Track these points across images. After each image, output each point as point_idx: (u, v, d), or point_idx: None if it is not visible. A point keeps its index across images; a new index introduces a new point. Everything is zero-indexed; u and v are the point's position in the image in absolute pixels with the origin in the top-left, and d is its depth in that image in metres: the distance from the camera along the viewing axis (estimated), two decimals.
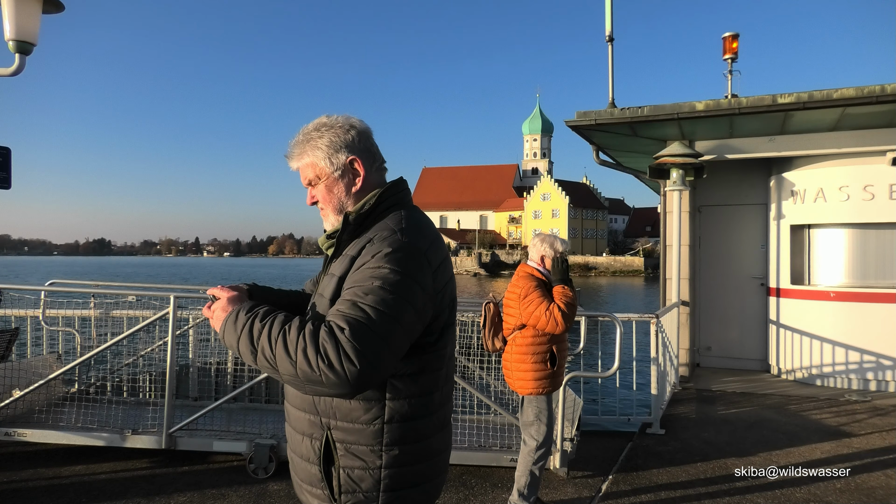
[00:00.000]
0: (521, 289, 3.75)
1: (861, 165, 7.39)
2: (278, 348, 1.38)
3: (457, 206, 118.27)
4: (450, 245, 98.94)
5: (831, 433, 5.61)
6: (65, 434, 4.71)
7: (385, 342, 1.39)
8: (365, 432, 1.52)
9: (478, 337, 5.81)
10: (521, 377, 3.77)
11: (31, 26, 3.87)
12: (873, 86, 6.32)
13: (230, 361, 6.02)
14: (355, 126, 1.65)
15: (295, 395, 1.62)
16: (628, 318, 5.95)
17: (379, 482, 1.52)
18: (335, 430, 1.54)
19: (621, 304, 41.38)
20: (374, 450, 1.52)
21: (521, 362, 3.74)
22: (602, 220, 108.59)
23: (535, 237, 3.96)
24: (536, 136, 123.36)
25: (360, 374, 1.34)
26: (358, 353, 1.34)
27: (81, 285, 7.19)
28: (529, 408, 3.77)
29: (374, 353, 1.36)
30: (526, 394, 3.76)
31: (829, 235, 7.80)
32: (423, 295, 1.48)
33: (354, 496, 1.53)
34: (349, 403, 1.52)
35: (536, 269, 3.87)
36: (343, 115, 1.68)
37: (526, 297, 3.69)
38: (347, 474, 1.53)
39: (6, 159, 4.63)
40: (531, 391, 3.74)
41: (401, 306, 1.42)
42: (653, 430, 5.61)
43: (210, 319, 1.57)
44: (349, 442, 1.53)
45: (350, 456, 1.53)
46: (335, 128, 1.63)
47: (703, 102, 7.11)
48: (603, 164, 9.01)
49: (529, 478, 3.73)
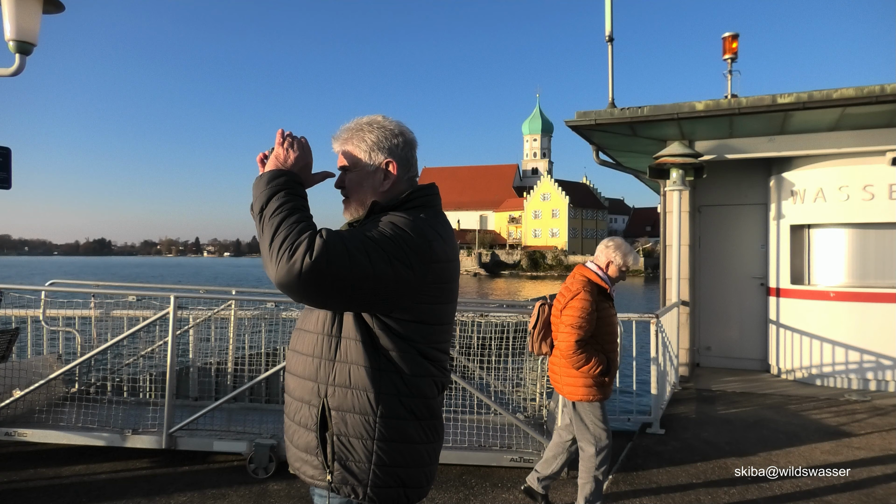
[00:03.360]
0: (571, 292, 3.53)
1: (861, 165, 7.39)
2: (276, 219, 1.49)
3: (457, 206, 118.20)
4: None
5: (831, 433, 5.61)
6: (65, 434, 4.71)
7: (351, 262, 1.45)
8: (360, 400, 1.58)
9: (478, 337, 5.82)
10: (570, 382, 3.58)
11: (31, 26, 3.87)
12: (873, 86, 6.32)
13: (230, 361, 6.03)
14: (404, 134, 1.76)
15: (297, 363, 1.69)
16: (628, 317, 5.95)
17: (371, 454, 1.58)
18: (331, 398, 1.60)
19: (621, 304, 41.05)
20: (368, 420, 1.58)
21: (569, 367, 3.55)
22: (602, 220, 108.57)
23: (611, 240, 3.68)
24: (536, 136, 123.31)
25: (311, 267, 1.41)
26: (322, 251, 1.42)
27: (82, 285, 7.19)
28: (581, 415, 3.59)
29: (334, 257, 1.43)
30: (576, 400, 3.59)
31: (828, 235, 7.80)
32: (405, 268, 1.53)
33: (346, 465, 1.59)
34: (347, 370, 1.59)
35: (596, 274, 3.59)
36: (397, 121, 1.78)
37: (573, 298, 3.49)
38: (341, 442, 1.59)
39: (6, 159, 4.63)
40: (581, 398, 3.56)
41: (381, 253, 1.50)
42: (653, 430, 5.61)
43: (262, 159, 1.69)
44: (344, 410, 1.59)
45: (344, 424, 1.59)
46: (385, 129, 1.74)
47: (703, 102, 7.11)
48: (603, 164, 9.01)
49: (594, 484, 3.60)
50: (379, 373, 1.59)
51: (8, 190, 4.69)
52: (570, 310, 3.48)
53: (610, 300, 3.66)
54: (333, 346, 1.62)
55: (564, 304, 3.54)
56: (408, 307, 1.59)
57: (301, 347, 1.70)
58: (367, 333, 1.60)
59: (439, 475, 4.41)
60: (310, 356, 1.66)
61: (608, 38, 8.43)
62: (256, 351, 6.10)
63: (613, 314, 3.70)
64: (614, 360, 3.65)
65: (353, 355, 1.60)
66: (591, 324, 3.47)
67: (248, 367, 5.80)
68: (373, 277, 1.49)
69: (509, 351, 5.62)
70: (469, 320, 5.81)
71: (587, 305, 3.45)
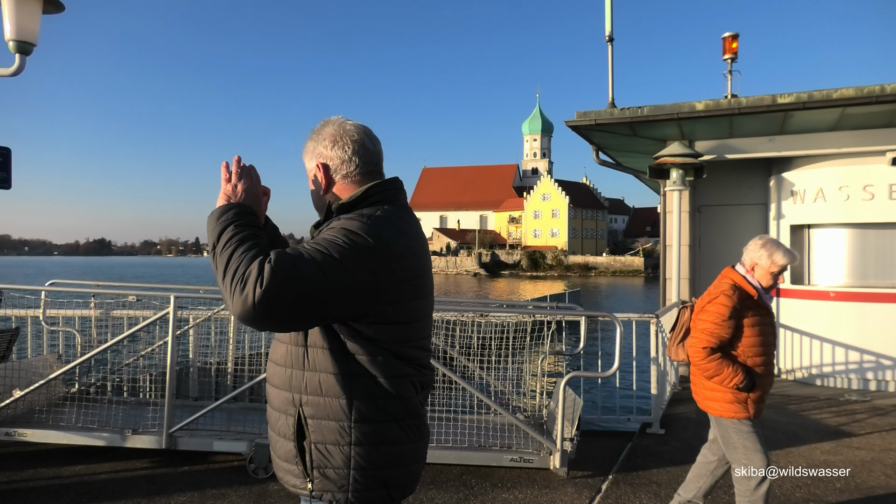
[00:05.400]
0: (711, 295, 3.22)
1: (861, 165, 7.39)
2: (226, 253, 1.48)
3: (457, 206, 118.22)
4: (450, 245, 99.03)
5: (831, 433, 5.61)
6: (65, 434, 4.71)
7: (303, 281, 1.43)
8: (333, 407, 1.59)
9: (478, 337, 5.83)
10: (708, 396, 3.25)
11: (31, 26, 3.87)
12: (873, 86, 6.32)
13: (230, 361, 6.03)
14: (332, 135, 1.73)
15: (274, 373, 1.70)
16: (628, 318, 5.95)
17: (349, 459, 1.59)
18: (306, 406, 1.61)
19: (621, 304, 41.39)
20: (343, 426, 1.58)
21: (710, 379, 3.20)
22: (602, 220, 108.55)
23: (758, 238, 3.27)
24: (536, 136, 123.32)
25: (263, 296, 1.38)
26: (271, 278, 1.39)
27: (82, 285, 7.19)
28: (725, 434, 3.24)
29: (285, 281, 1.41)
30: (717, 416, 3.24)
31: (828, 235, 7.80)
32: (366, 271, 1.52)
33: (325, 472, 1.60)
34: (317, 379, 1.60)
35: (743, 278, 3.22)
36: (332, 120, 1.77)
37: (710, 301, 3.20)
38: (318, 450, 1.60)
39: (6, 159, 4.63)
40: (722, 413, 3.20)
41: (335, 264, 1.48)
42: (653, 430, 5.61)
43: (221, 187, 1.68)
44: (319, 417, 1.60)
45: (320, 432, 1.60)
46: (317, 133, 1.76)
47: (703, 102, 7.12)
48: (603, 164, 9.01)
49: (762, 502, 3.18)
50: (350, 378, 1.59)
51: (8, 190, 4.69)
52: (704, 314, 3.20)
53: (761, 308, 3.22)
54: (302, 355, 1.62)
55: (702, 307, 3.26)
56: (376, 310, 1.57)
57: (276, 357, 1.72)
58: (335, 340, 1.59)
59: (439, 475, 4.41)
60: (283, 366, 1.67)
61: (608, 38, 8.44)
62: (256, 351, 6.09)
63: (764, 323, 3.21)
64: (764, 375, 3.19)
65: (321, 363, 1.60)
66: (727, 331, 3.12)
67: (248, 367, 5.80)
68: (331, 290, 1.47)
69: (509, 351, 5.62)
70: (469, 320, 5.81)
71: (724, 311, 3.11)
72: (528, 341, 5.64)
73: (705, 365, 3.14)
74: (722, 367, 3.11)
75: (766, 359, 3.19)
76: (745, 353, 3.16)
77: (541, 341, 5.72)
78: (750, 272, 3.21)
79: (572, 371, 5.36)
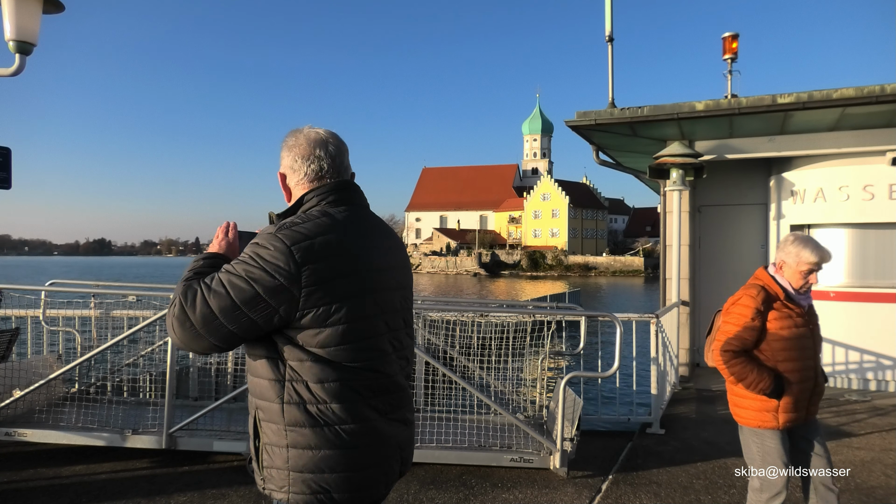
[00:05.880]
0: (736, 296, 3.07)
1: (861, 165, 7.40)
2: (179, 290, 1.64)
3: (457, 206, 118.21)
4: (450, 245, 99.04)
5: (831, 433, 5.61)
6: (65, 434, 4.71)
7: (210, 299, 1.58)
8: (272, 410, 1.66)
9: (478, 337, 5.83)
10: (739, 403, 3.09)
11: (31, 26, 3.88)
12: (873, 86, 6.32)
13: (230, 361, 6.03)
14: (288, 143, 1.82)
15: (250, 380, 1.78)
16: (628, 318, 5.95)
17: (287, 461, 1.65)
18: (259, 410, 1.71)
19: (621, 304, 41.39)
20: (280, 429, 1.65)
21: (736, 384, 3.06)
22: (602, 220, 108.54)
23: (789, 235, 3.10)
24: (536, 136, 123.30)
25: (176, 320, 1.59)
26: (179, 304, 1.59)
27: (81, 285, 7.19)
28: (749, 442, 3.11)
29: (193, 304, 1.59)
30: (743, 424, 3.12)
31: (828, 235, 7.80)
32: (272, 280, 1.57)
33: (272, 472, 1.68)
34: (260, 384, 1.69)
35: (772, 278, 3.05)
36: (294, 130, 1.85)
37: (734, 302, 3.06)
38: (266, 450, 1.69)
39: (6, 159, 4.63)
40: (749, 422, 3.06)
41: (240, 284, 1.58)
42: (653, 430, 5.61)
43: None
44: (265, 420, 1.69)
45: (267, 433, 1.68)
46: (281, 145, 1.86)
47: (703, 102, 7.12)
48: (603, 164, 9.01)
49: None
50: (282, 384, 1.64)
51: (8, 190, 4.70)
52: (726, 314, 3.08)
53: (793, 309, 3.01)
54: (251, 362, 1.72)
55: (727, 309, 3.12)
56: (300, 316, 1.60)
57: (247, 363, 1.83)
58: (272, 348, 1.65)
59: (439, 475, 4.42)
60: (247, 372, 1.79)
61: (608, 38, 8.43)
62: None
63: (796, 326, 3.00)
64: (798, 382, 2.98)
65: (261, 369, 1.68)
66: (751, 334, 2.97)
67: None
68: (241, 304, 1.57)
69: (509, 351, 5.62)
70: (469, 320, 5.81)
71: (746, 312, 2.97)
72: (528, 341, 5.64)
73: (727, 368, 3.00)
74: (746, 370, 2.95)
75: (798, 364, 2.98)
76: (774, 357, 2.99)
77: (541, 341, 5.72)
78: (779, 271, 3.05)
79: (572, 371, 5.36)
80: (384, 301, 1.75)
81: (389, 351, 1.75)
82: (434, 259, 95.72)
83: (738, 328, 2.99)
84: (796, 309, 3.02)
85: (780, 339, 2.98)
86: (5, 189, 4.67)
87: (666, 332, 6.16)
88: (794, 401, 2.99)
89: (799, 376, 2.98)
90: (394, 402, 1.75)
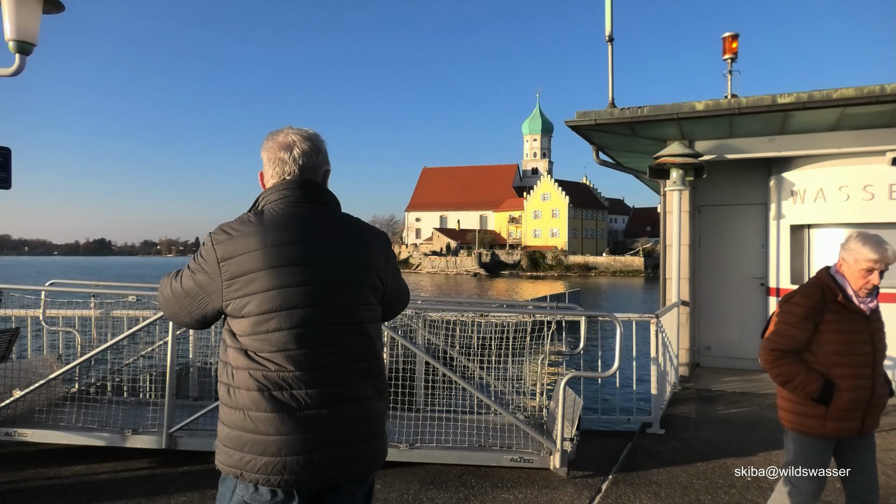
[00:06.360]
0: (790, 294, 2.93)
1: (861, 165, 7.39)
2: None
3: (457, 206, 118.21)
4: (450, 245, 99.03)
5: None
6: (65, 434, 4.71)
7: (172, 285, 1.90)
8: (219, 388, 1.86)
9: (478, 337, 5.82)
10: (785, 406, 2.96)
11: (31, 26, 3.88)
12: (873, 86, 6.32)
13: None
14: (263, 145, 1.97)
15: None
16: (628, 318, 5.95)
17: (219, 433, 1.83)
18: None
19: (621, 304, 41.40)
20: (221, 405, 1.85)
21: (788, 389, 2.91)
22: (602, 220, 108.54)
23: (853, 232, 2.97)
24: (536, 136, 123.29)
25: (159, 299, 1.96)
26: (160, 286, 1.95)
27: (81, 285, 7.19)
28: (789, 444, 3.00)
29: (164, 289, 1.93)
30: (787, 427, 2.99)
31: (828, 235, 7.80)
32: (203, 274, 1.82)
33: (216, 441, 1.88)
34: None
35: (831, 277, 2.89)
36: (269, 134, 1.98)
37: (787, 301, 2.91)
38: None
39: (6, 159, 4.63)
40: (794, 425, 2.94)
41: (187, 276, 1.86)
42: (653, 430, 5.61)
43: None
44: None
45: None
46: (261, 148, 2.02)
47: (703, 102, 7.11)
48: (603, 164, 9.01)
49: None
50: (222, 364, 1.85)
51: (8, 190, 4.69)
52: (777, 314, 2.94)
53: (852, 312, 2.83)
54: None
55: (780, 305, 2.97)
56: (226, 305, 1.81)
57: None
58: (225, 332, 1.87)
59: (439, 475, 4.42)
60: None
61: (608, 38, 8.43)
62: None
63: (854, 331, 2.83)
64: (851, 390, 2.79)
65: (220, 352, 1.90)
66: (801, 334, 2.83)
67: None
68: (185, 292, 1.86)
69: (509, 351, 5.62)
70: (469, 320, 5.81)
71: (798, 311, 2.83)
72: (528, 341, 5.64)
73: (772, 368, 2.87)
74: (792, 372, 2.81)
75: (851, 371, 2.79)
76: (825, 360, 2.81)
77: (541, 341, 5.72)
78: (839, 271, 2.88)
79: (572, 371, 5.36)
80: (317, 295, 1.80)
81: (318, 345, 1.78)
82: (434, 259, 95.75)
83: (788, 326, 2.85)
84: (857, 312, 2.83)
85: (832, 343, 2.81)
86: (5, 189, 4.67)
87: (666, 333, 6.16)
88: (845, 410, 2.80)
89: (852, 384, 2.79)
90: (319, 398, 1.77)
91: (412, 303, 8.24)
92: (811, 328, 2.82)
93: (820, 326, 2.82)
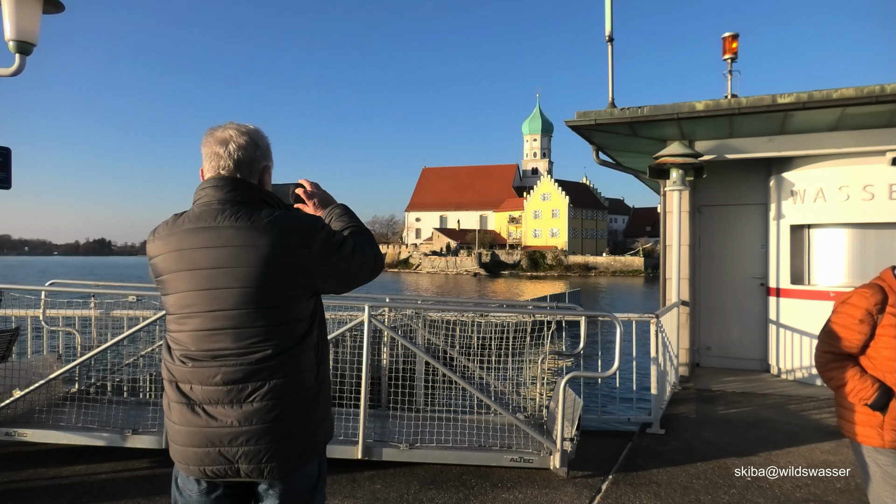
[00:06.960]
0: (847, 294, 2.76)
1: (861, 165, 7.39)
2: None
3: (457, 206, 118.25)
4: (450, 245, 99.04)
5: (831, 433, 5.60)
6: (65, 434, 4.71)
7: None
8: None
9: (478, 337, 5.82)
10: (842, 415, 2.78)
11: (31, 26, 3.88)
12: (873, 86, 6.32)
13: None
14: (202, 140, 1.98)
15: None
16: (628, 318, 5.95)
17: None
18: None
19: (621, 304, 41.40)
20: None
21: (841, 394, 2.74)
22: (602, 220, 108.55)
23: None
24: (536, 136, 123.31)
25: None
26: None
27: (81, 285, 7.18)
28: (862, 460, 2.74)
29: None
30: (850, 437, 2.77)
31: (828, 235, 7.80)
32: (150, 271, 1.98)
33: None
34: None
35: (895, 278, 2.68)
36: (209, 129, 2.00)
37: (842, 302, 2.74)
38: None
39: (6, 159, 4.63)
40: (853, 435, 2.72)
41: None
42: (653, 430, 5.61)
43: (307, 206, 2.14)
44: None
45: None
46: None
47: (703, 102, 7.11)
48: (603, 164, 9.01)
49: None
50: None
51: (8, 190, 4.70)
52: (835, 314, 2.76)
53: None
54: None
55: (836, 306, 2.80)
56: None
57: None
58: None
59: (439, 475, 4.42)
60: None
61: (608, 38, 8.43)
62: None
63: None
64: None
65: None
66: (857, 336, 2.66)
67: None
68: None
69: (509, 351, 5.62)
70: (469, 320, 5.81)
71: (854, 312, 2.65)
72: (528, 341, 5.64)
73: (823, 372, 2.74)
74: (845, 376, 2.65)
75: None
76: (883, 366, 2.62)
77: (541, 341, 5.72)
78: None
79: (572, 371, 5.36)
80: (199, 299, 1.84)
81: (201, 347, 1.84)
82: (434, 259, 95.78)
83: (843, 328, 2.69)
84: None
85: (891, 347, 2.60)
86: (5, 189, 4.67)
87: (666, 332, 6.16)
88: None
89: None
90: (208, 395, 1.84)
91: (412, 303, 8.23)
92: (868, 331, 2.64)
93: (878, 330, 2.63)
